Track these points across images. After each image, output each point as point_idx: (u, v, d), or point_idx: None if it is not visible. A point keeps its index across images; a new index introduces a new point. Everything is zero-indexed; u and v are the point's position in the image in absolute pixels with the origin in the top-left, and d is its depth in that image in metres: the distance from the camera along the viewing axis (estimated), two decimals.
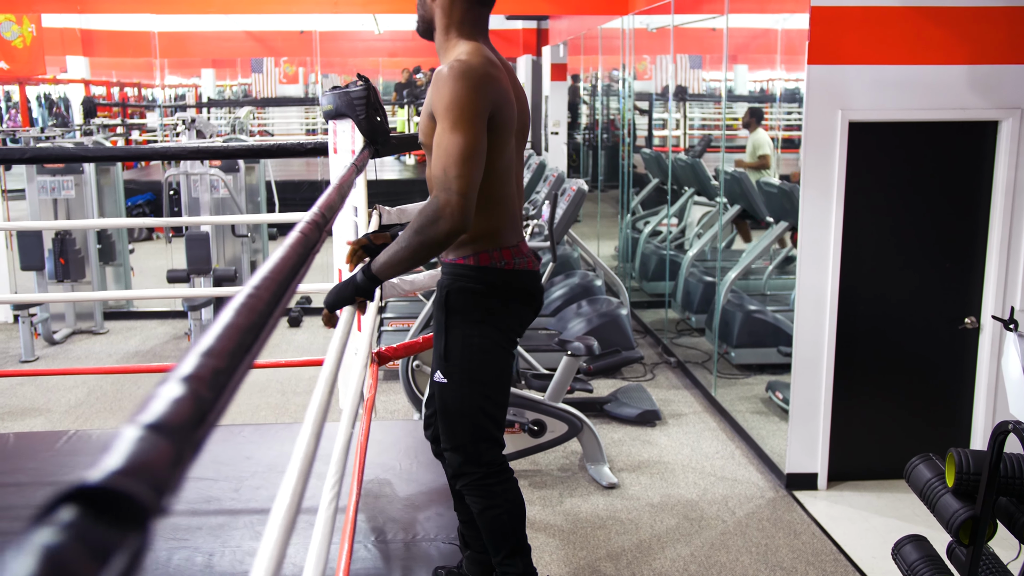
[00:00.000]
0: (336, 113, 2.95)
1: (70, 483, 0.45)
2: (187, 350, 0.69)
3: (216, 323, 0.76)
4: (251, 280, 0.93)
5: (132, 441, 0.51)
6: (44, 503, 0.44)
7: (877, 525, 4.28)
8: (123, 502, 0.46)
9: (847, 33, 4.25)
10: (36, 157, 2.93)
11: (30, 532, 0.42)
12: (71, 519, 0.43)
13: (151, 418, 0.55)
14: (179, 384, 0.61)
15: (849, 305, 4.50)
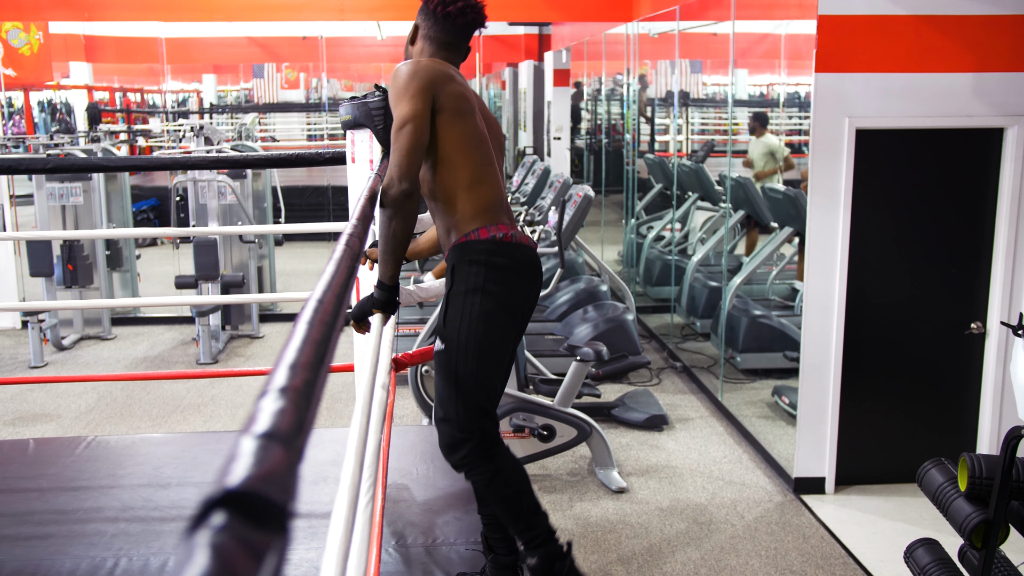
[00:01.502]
0: (354, 123, 2.99)
1: (217, 489, 0.49)
2: (276, 362, 0.73)
3: (295, 337, 0.80)
4: (314, 294, 0.96)
5: (253, 450, 0.55)
6: (197, 508, 0.48)
7: (885, 529, 4.32)
8: (266, 506, 0.49)
9: (854, 41, 4.29)
10: (59, 167, 2.97)
11: (190, 535, 0.46)
12: (226, 522, 0.47)
13: (263, 428, 0.59)
14: (278, 396, 0.65)
15: (856, 310, 4.54)
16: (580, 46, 10.71)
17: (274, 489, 0.51)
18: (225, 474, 0.52)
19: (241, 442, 0.56)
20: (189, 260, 7.73)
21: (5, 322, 7.83)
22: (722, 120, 8.88)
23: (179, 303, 5.64)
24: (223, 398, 6.11)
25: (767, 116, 7.41)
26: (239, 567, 0.44)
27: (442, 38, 2.62)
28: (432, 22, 2.62)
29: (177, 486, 3.07)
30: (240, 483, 0.50)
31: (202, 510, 0.47)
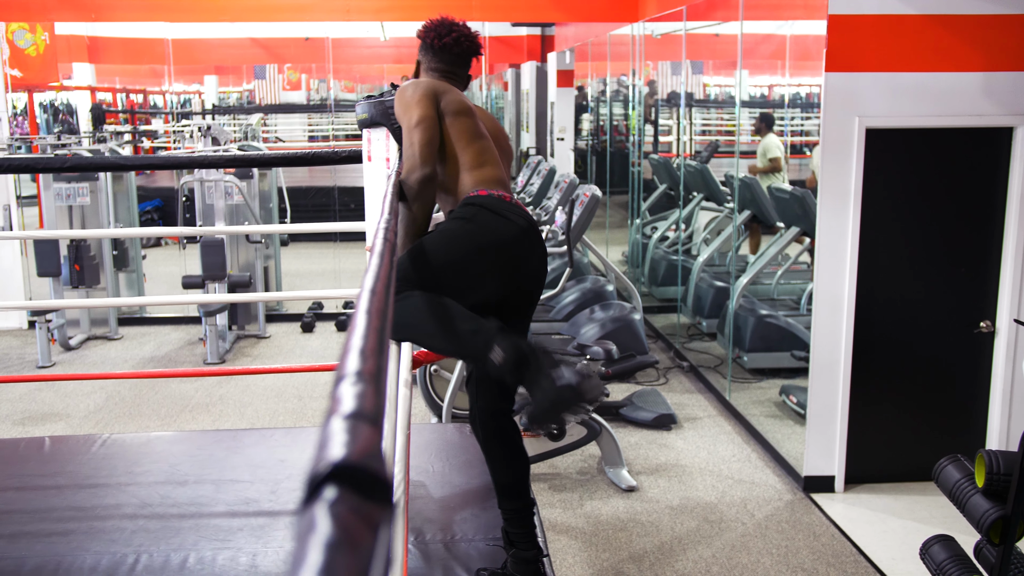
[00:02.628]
0: (371, 122, 3.00)
1: (325, 465, 0.50)
2: (342, 353, 0.74)
3: (358, 326, 0.81)
4: (366, 285, 0.98)
5: (344, 429, 0.56)
6: (307, 482, 0.49)
7: (895, 527, 4.33)
8: (372, 478, 0.50)
9: (864, 41, 4.31)
10: (76, 166, 2.98)
11: (305, 509, 0.47)
12: (339, 495, 0.48)
13: (349, 409, 0.60)
14: (355, 380, 0.66)
15: (866, 309, 4.56)
16: (584, 47, 10.73)
17: (375, 462, 0.52)
18: (324, 452, 0.53)
19: (331, 423, 0.58)
20: (195, 261, 7.74)
21: (11, 322, 7.84)
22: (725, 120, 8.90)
23: (187, 302, 5.65)
24: (231, 398, 6.12)
25: (772, 117, 7.43)
26: (358, 537, 0.45)
27: (442, 68, 2.80)
28: (431, 55, 2.80)
29: (194, 483, 3.08)
30: (345, 458, 0.51)
31: (313, 485, 0.49)
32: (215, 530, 2.75)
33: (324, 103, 15.45)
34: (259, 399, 6.10)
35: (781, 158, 7.20)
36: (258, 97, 15.48)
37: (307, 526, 0.45)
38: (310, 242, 10.65)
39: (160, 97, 14.97)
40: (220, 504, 2.93)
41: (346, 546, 0.44)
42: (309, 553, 0.43)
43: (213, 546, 2.65)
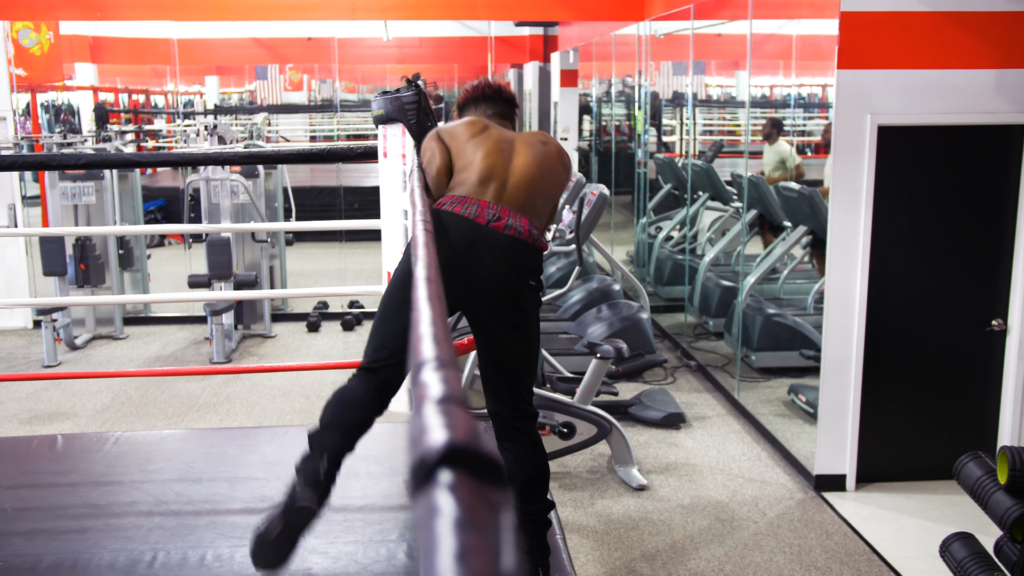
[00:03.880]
0: (387, 117, 2.99)
1: (436, 448, 0.49)
2: (417, 343, 0.72)
3: (423, 316, 0.80)
4: (419, 274, 0.96)
5: (441, 413, 0.55)
6: (419, 466, 0.48)
7: (908, 526, 4.31)
8: (485, 460, 0.49)
9: (876, 38, 4.30)
10: (92, 163, 2.97)
11: (420, 490, 0.45)
12: (458, 478, 0.46)
13: (442, 393, 0.59)
14: (438, 365, 0.64)
15: (877, 308, 4.54)
16: (588, 46, 10.72)
17: (484, 444, 0.51)
18: (426, 437, 0.52)
19: (424, 409, 0.56)
20: (200, 260, 7.73)
21: (17, 322, 7.83)
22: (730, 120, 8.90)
23: (194, 299, 5.63)
24: (238, 397, 6.10)
25: (781, 122, 7.42)
26: (485, 517, 0.44)
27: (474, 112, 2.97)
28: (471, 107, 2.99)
29: (209, 481, 3.06)
30: (455, 441, 0.50)
31: (427, 469, 0.47)
32: (232, 528, 2.74)
33: (327, 103, 15.45)
34: (266, 398, 6.08)
35: (799, 163, 7.18)
36: (259, 97, 15.48)
37: (428, 510, 0.44)
38: (315, 242, 10.63)
39: (162, 97, 14.96)
40: (236, 502, 2.92)
41: (475, 527, 0.42)
42: (439, 537, 0.42)
43: (231, 544, 2.63)
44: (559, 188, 2.82)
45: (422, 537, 0.43)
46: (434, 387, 0.60)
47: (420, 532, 0.43)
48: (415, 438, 0.52)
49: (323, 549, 2.61)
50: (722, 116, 8.86)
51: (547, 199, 2.75)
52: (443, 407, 0.56)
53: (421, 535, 0.43)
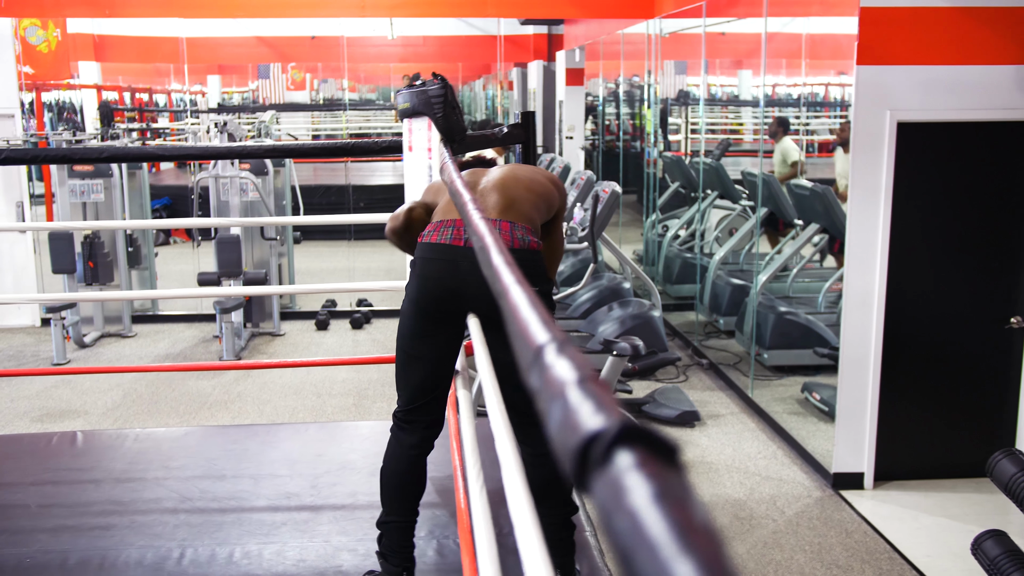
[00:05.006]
0: (413, 111, 2.97)
1: (607, 428, 0.46)
2: (525, 329, 0.70)
3: (525, 302, 0.77)
4: (503, 271, 0.94)
5: (586, 394, 0.53)
6: (585, 447, 0.45)
7: (928, 524, 4.29)
8: (660, 439, 0.47)
9: (896, 34, 4.28)
10: (113, 157, 2.95)
11: (600, 471, 0.43)
12: (640, 457, 0.44)
13: (579, 374, 0.56)
14: (559, 348, 0.62)
15: (896, 305, 4.52)
16: (595, 45, 10.69)
17: (649, 425, 0.48)
18: (579, 418, 0.49)
19: (566, 391, 0.54)
20: (208, 258, 7.71)
21: (25, 320, 7.80)
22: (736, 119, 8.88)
23: (205, 295, 5.61)
24: (249, 395, 6.08)
25: (788, 121, 7.41)
26: (679, 491, 0.42)
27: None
28: None
29: (232, 478, 3.04)
30: (621, 421, 0.47)
31: (604, 447, 0.45)
32: (258, 525, 2.72)
33: (329, 102, 15.43)
34: (278, 396, 6.06)
35: (800, 162, 7.17)
36: (261, 97, 15.46)
37: (616, 490, 0.41)
38: (323, 240, 10.60)
39: (166, 96, 14.92)
40: (260, 499, 2.90)
41: (676, 501, 0.40)
42: (643, 513, 0.39)
43: (258, 540, 2.61)
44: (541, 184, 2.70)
45: (618, 519, 0.40)
46: (565, 369, 0.57)
47: (613, 513, 0.41)
48: (566, 421, 0.50)
49: (352, 546, 2.59)
50: (725, 115, 8.85)
51: (528, 190, 2.64)
52: (586, 388, 0.54)
53: (616, 517, 0.41)
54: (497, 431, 1.59)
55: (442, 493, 2.96)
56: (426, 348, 2.45)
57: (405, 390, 2.49)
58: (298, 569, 2.47)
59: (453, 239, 2.44)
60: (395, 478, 2.46)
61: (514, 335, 0.71)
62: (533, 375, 0.60)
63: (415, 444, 2.47)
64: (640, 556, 0.37)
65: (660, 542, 0.37)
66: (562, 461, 0.50)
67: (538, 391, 0.58)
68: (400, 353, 2.50)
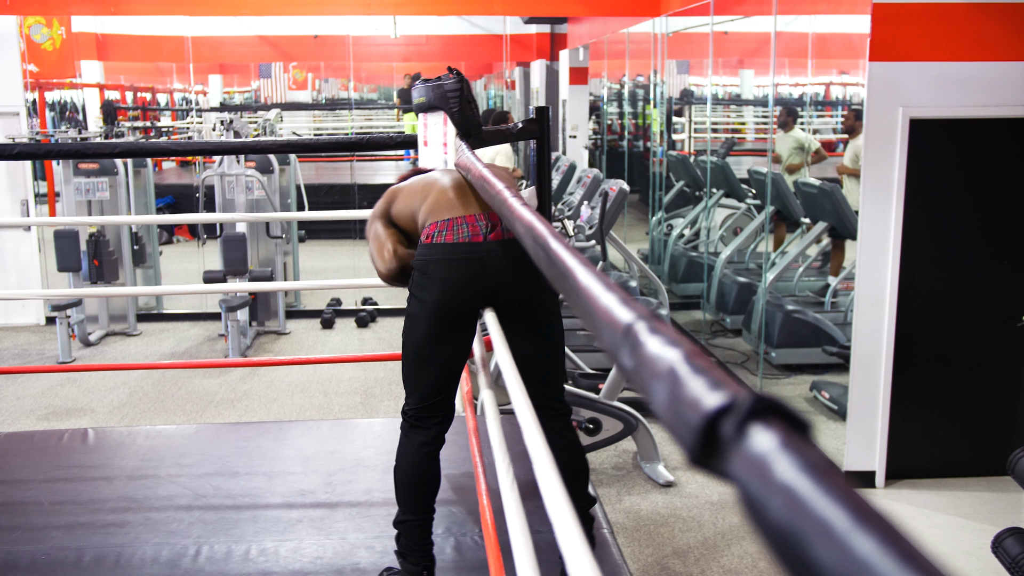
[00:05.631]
0: (428, 106, 2.95)
1: (745, 401, 0.45)
2: (607, 311, 0.68)
3: (598, 283, 0.75)
4: (564, 254, 0.91)
5: (696, 369, 0.51)
6: (713, 420, 0.44)
7: (941, 523, 4.27)
8: (788, 410, 0.45)
9: (908, 30, 4.26)
10: (128, 152, 2.93)
11: (734, 444, 0.41)
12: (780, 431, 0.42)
13: (682, 350, 0.54)
14: (651, 326, 0.60)
15: (907, 303, 4.50)
16: (600, 44, 10.67)
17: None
18: (694, 395, 0.47)
19: (673, 367, 0.52)
20: (212, 257, 7.69)
21: (30, 318, 7.78)
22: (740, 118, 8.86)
23: (213, 291, 5.57)
24: (256, 393, 6.06)
25: (796, 111, 7.40)
26: (832, 469, 0.40)
27: None
28: None
29: (246, 475, 3.02)
30: (756, 395, 0.45)
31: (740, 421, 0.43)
32: (274, 522, 2.70)
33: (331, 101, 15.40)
34: (284, 394, 6.04)
35: (820, 148, 7.19)
36: (263, 96, 15.45)
37: (763, 467, 0.39)
38: (328, 239, 10.59)
39: (167, 95, 14.90)
40: (275, 496, 2.88)
41: (834, 478, 0.38)
42: (806, 492, 0.37)
43: (274, 538, 2.59)
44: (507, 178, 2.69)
45: (773, 498, 0.38)
46: (664, 346, 0.55)
47: (764, 492, 0.39)
48: (679, 398, 0.48)
49: (369, 544, 2.57)
50: (727, 114, 8.84)
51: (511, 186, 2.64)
52: (694, 363, 0.52)
53: (769, 496, 0.39)
54: (525, 425, 1.57)
55: (457, 491, 2.94)
56: (442, 349, 2.41)
57: (417, 389, 2.45)
58: (315, 567, 2.45)
59: (472, 236, 2.40)
60: (410, 477, 2.44)
61: (591, 317, 0.69)
62: (623, 355, 0.58)
63: (428, 441, 2.44)
64: (810, 536, 0.35)
65: (831, 519, 0.35)
66: (678, 439, 0.48)
67: (632, 371, 0.56)
68: (411, 355, 2.46)
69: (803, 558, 0.36)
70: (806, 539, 0.36)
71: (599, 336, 0.65)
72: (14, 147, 2.80)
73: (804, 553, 0.36)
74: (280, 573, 2.41)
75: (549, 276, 0.91)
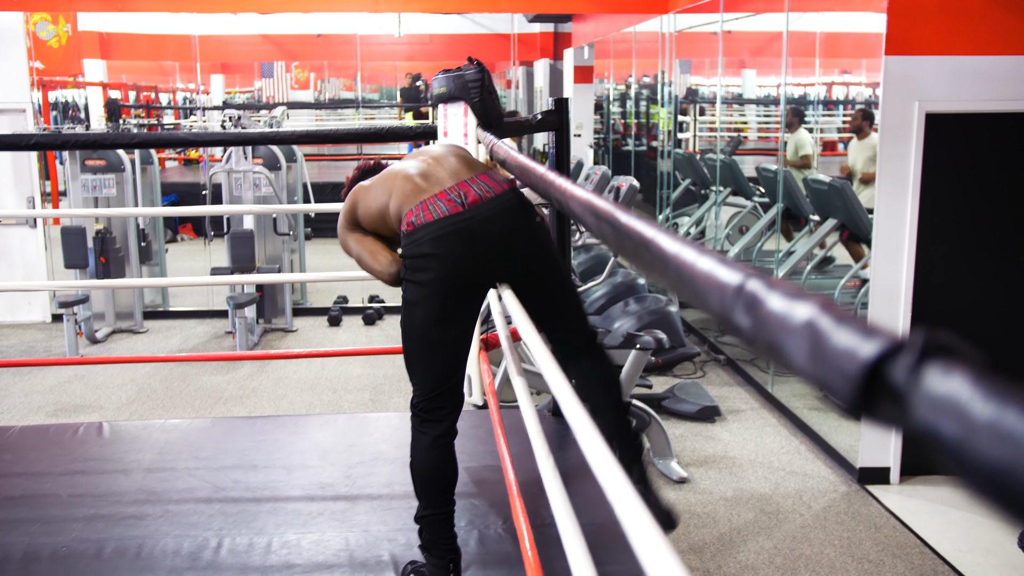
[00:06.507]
0: (449, 96, 2.93)
1: (917, 342, 0.42)
2: (706, 275, 0.66)
3: (686, 247, 0.73)
4: (631, 222, 0.89)
5: (839, 318, 0.48)
6: (871, 369, 0.41)
7: (957, 519, 4.25)
8: (968, 351, 0.43)
9: (925, 23, 4.24)
10: (144, 142, 2.91)
11: (913, 388, 0.39)
12: (961, 364, 0.40)
13: (816, 302, 0.52)
14: (764, 281, 0.58)
15: (923, 297, 4.48)
16: (605, 42, 10.66)
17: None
18: (846, 344, 0.45)
19: (808, 319, 0.50)
20: (219, 255, 7.67)
21: (36, 316, 7.75)
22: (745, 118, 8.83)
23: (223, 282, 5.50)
24: (264, 390, 6.04)
25: (803, 111, 7.38)
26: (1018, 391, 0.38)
27: None
28: None
29: (265, 468, 3.00)
30: (919, 335, 0.43)
31: (909, 366, 0.41)
32: (295, 515, 2.67)
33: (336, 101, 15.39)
34: (293, 391, 6.01)
35: (812, 155, 7.16)
36: (265, 96, 15.43)
37: (960, 409, 0.37)
38: (334, 238, 10.57)
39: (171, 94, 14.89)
40: (295, 489, 2.85)
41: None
42: (1002, 419, 0.35)
43: (296, 530, 2.57)
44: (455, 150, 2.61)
45: (980, 439, 0.36)
46: (786, 300, 0.53)
47: (966, 434, 0.37)
48: (825, 350, 0.46)
49: (391, 536, 2.55)
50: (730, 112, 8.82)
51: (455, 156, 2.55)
52: (831, 312, 0.49)
53: (975, 437, 0.36)
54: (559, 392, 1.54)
55: (478, 484, 2.92)
56: (448, 330, 2.38)
57: (427, 379, 2.41)
58: (339, 559, 2.42)
59: (450, 209, 2.33)
60: (427, 472, 2.41)
61: (687, 283, 0.66)
62: (737, 316, 0.56)
63: (442, 434, 2.41)
64: None
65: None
66: (832, 392, 0.46)
67: (753, 330, 0.54)
68: (417, 343, 2.41)
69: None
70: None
71: (702, 301, 0.63)
72: (31, 137, 2.78)
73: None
74: (303, 565, 2.39)
75: (621, 250, 0.89)
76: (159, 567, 2.37)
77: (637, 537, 0.98)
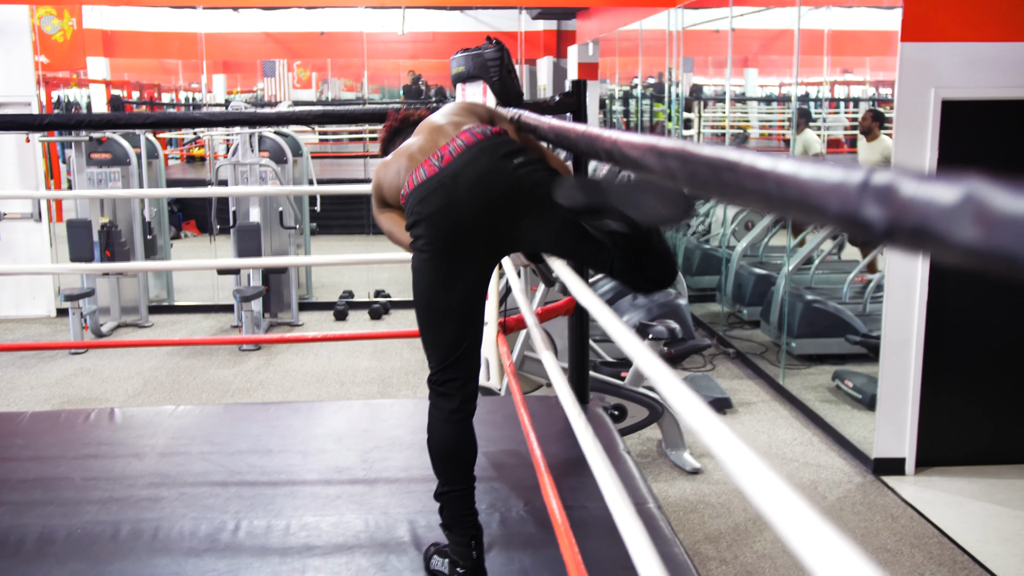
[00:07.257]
0: (468, 75, 2.89)
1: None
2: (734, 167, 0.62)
3: (766, 158, 0.69)
4: (703, 151, 0.85)
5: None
6: None
7: (975, 510, 4.21)
8: None
9: (941, 9, 4.20)
10: (160, 122, 2.88)
11: None
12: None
13: (944, 182, 0.48)
14: (894, 173, 0.54)
15: (938, 289, 4.44)
16: (611, 40, 10.62)
17: None
18: None
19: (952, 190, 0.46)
20: (225, 252, 7.64)
21: (40, 310, 7.71)
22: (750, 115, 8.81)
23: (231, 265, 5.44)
24: (271, 383, 6.00)
25: (809, 112, 7.37)
26: None
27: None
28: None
29: (280, 452, 2.96)
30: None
31: None
32: (312, 498, 2.63)
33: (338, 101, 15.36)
34: (300, 384, 5.97)
35: (821, 153, 7.14)
36: (267, 95, 15.40)
37: None
38: (340, 233, 10.54)
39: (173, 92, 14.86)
40: (312, 472, 2.82)
41: None
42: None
43: (314, 513, 2.53)
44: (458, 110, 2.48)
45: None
46: (930, 181, 0.49)
47: None
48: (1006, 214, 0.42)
49: (411, 518, 2.51)
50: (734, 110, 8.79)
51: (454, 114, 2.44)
52: (974, 184, 0.46)
53: None
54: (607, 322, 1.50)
55: (497, 468, 2.88)
56: (450, 295, 2.33)
57: (436, 350, 2.38)
58: (359, 540, 2.38)
59: (428, 173, 2.28)
60: (443, 446, 2.38)
61: (790, 197, 0.62)
62: (867, 211, 0.52)
63: (456, 408, 2.37)
64: None
65: None
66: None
67: (890, 221, 0.50)
68: (423, 312, 2.38)
69: None
70: None
71: (816, 208, 0.59)
72: (44, 117, 2.74)
73: None
74: (323, 547, 2.35)
75: (694, 183, 0.84)
76: (176, 548, 2.33)
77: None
